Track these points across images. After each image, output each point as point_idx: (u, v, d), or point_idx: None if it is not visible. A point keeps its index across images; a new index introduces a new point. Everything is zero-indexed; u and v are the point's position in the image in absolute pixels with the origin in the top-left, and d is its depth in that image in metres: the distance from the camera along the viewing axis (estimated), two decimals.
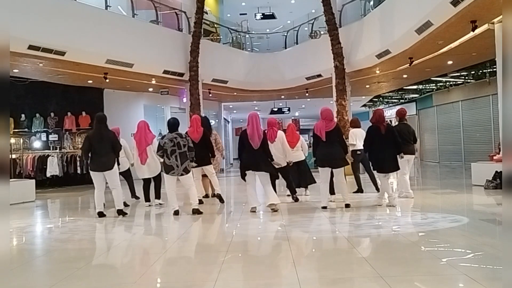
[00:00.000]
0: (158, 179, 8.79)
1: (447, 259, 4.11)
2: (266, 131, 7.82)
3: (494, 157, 10.18)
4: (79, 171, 14.43)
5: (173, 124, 7.62)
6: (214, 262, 4.41)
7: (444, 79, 19.15)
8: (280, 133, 8.53)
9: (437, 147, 21.87)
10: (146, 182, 8.77)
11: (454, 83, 19.50)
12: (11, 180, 10.02)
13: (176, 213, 7.38)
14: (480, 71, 16.87)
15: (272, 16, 19.93)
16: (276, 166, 7.61)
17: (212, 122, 21.11)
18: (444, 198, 9.13)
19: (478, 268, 3.89)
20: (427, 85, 21.07)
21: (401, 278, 3.67)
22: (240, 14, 20.96)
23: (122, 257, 5.08)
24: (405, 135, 8.18)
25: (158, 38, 14.75)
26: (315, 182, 9.25)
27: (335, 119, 7.85)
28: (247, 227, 6.51)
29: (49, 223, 7.81)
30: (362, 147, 8.39)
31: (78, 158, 14.46)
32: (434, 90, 21.49)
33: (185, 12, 16.11)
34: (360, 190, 9.44)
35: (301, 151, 9.35)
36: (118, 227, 6.93)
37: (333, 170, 7.51)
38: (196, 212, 7.38)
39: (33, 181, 11.16)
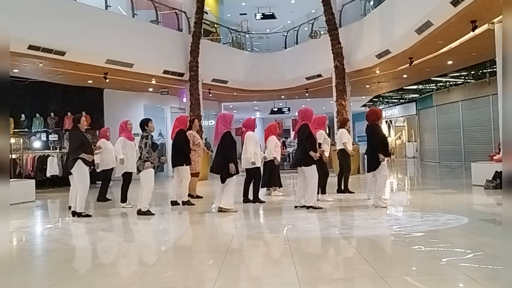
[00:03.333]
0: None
1: (447, 259, 4.11)
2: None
3: (494, 157, 10.18)
4: None
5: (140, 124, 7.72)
6: (214, 262, 4.41)
7: (444, 79, 19.15)
8: (248, 133, 8.51)
9: (437, 147, 21.86)
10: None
11: (454, 83, 19.50)
12: (11, 180, 10.01)
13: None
14: (480, 71, 16.87)
15: (272, 16, 19.93)
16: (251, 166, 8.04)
17: (212, 122, 21.16)
18: (444, 198, 9.13)
19: (478, 268, 3.89)
20: (427, 85, 21.07)
21: (401, 278, 3.67)
22: (240, 14, 20.96)
23: (121, 257, 5.07)
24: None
25: (158, 38, 14.75)
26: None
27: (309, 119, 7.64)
28: (247, 227, 6.50)
29: (49, 223, 7.81)
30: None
31: None
32: (434, 90, 21.50)
33: (185, 12, 16.11)
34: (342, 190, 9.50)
35: (271, 152, 9.31)
36: (118, 227, 6.93)
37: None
38: (139, 213, 7.47)
39: (33, 181, 11.15)
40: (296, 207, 7.48)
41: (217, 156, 7.46)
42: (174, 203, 8.56)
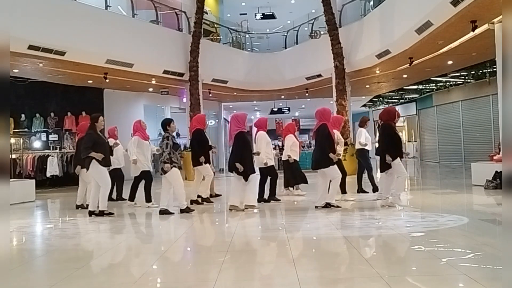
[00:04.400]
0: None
1: (447, 259, 4.10)
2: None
3: (494, 157, 10.18)
4: None
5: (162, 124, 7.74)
6: (214, 262, 4.41)
7: (444, 79, 19.14)
8: (259, 133, 8.47)
9: (437, 147, 21.86)
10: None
11: (454, 83, 19.50)
12: (11, 180, 10.01)
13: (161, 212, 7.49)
14: (480, 71, 16.85)
15: (272, 16, 19.93)
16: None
17: (212, 122, 21.16)
18: (444, 198, 9.13)
19: (478, 268, 3.89)
20: (427, 85, 21.06)
21: (401, 278, 3.67)
22: (240, 14, 20.96)
23: (122, 257, 5.07)
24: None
25: (158, 38, 14.74)
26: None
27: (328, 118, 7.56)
28: (247, 227, 6.51)
29: (49, 223, 7.81)
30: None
31: None
32: (434, 90, 21.49)
33: (185, 12, 16.10)
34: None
35: (292, 151, 9.28)
36: (117, 227, 6.93)
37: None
38: (162, 213, 7.49)
39: (33, 181, 11.15)
40: (316, 207, 7.39)
41: (232, 155, 7.44)
42: (194, 202, 8.51)
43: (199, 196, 8.67)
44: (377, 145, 8.12)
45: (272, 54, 19.10)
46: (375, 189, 9.19)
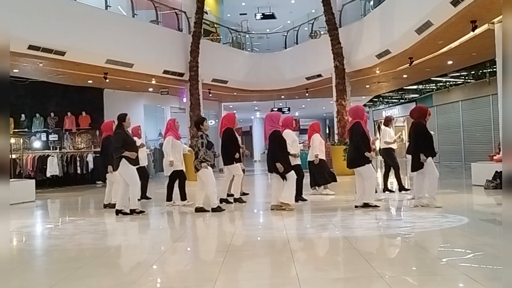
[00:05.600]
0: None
1: (447, 259, 4.11)
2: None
3: (494, 157, 10.18)
4: (79, 171, 14.43)
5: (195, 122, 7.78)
6: (214, 262, 4.41)
7: (444, 79, 19.16)
8: (285, 131, 8.10)
9: (437, 147, 21.83)
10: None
11: (454, 83, 19.51)
12: (11, 180, 10.02)
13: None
14: (480, 71, 16.87)
15: (272, 16, 19.93)
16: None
17: (212, 122, 21.17)
18: (444, 198, 9.09)
19: (478, 268, 3.89)
20: (427, 85, 21.07)
21: (401, 278, 3.67)
22: (240, 14, 20.95)
23: (122, 257, 5.07)
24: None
25: (158, 38, 14.74)
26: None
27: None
28: (247, 227, 6.51)
29: (49, 223, 7.81)
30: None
31: (78, 158, 14.47)
32: (434, 90, 21.50)
33: (185, 12, 16.11)
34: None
35: (315, 149, 9.23)
36: (118, 227, 6.93)
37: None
38: (198, 210, 7.50)
39: (33, 181, 11.14)
40: (356, 206, 7.31)
41: (270, 155, 7.31)
42: (224, 200, 8.48)
43: (229, 195, 8.70)
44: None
45: (272, 54, 19.10)
46: (401, 188, 9.22)
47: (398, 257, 4.56)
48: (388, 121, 9.64)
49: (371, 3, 14.97)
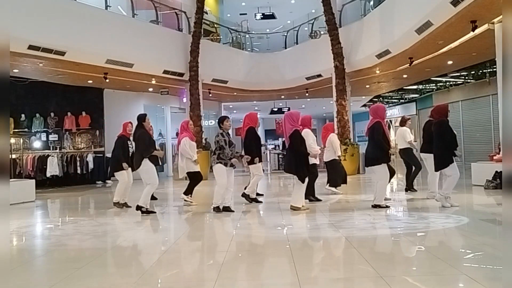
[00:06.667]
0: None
1: (447, 259, 4.11)
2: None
3: (494, 157, 10.18)
4: (79, 171, 14.43)
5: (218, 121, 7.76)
6: (214, 262, 4.41)
7: (444, 79, 19.14)
8: (304, 130, 7.99)
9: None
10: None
11: (454, 83, 19.49)
12: (11, 180, 10.02)
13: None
14: (480, 71, 16.85)
15: (272, 16, 19.92)
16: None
17: (212, 122, 21.18)
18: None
19: (478, 268, 3.89)
20: (427, 85, 21.06)
21: (401, 278, 3.67)
22: (240, 14, 20.96)
23: (122, 257, 5.07)
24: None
25: (158, 38, 14.75)
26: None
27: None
28: (247, 227, 6.51)
29: (49, 223, 7.81)
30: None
31: (78, 158, 14.47)
32: (434, 90, 21.48)
33: (185, 12, 16.11)
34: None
35: (331, 151, 9.26)
36: (118, 227, 6.93)
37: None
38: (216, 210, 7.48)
39: (33, 181, 11.14)
40: (373, 206, 7.28)
41: (289, 155, 7.27)
42: (250, 198, 8.50)
43: (258, 195, 8.72)
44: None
45: (272, 54, 19.10)
46: (409, 188, 9.38)
47: (398, 257, 4.56)
48: (404, 122, 9.66)
49: (371, 3, 14.96)
